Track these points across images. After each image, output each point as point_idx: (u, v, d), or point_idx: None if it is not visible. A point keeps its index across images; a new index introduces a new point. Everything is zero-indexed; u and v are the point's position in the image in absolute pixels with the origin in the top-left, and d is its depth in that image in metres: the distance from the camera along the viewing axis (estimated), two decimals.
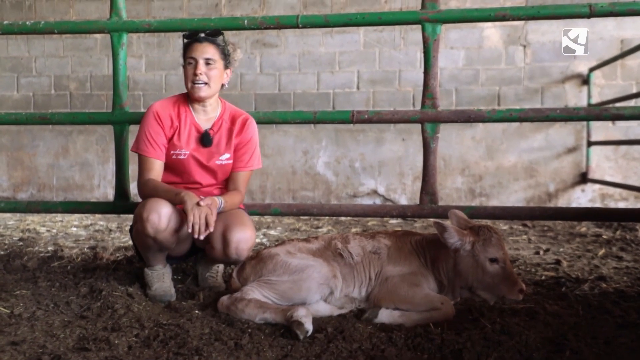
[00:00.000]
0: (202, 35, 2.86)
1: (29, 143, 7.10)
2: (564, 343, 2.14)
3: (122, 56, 3.20)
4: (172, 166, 2.92)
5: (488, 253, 2.52)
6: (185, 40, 2.90)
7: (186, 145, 2.89)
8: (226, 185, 2.99)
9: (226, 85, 2.97)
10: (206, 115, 2.95)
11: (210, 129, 2.92)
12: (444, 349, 2.12)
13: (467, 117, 3.04)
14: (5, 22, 3.28)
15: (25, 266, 3.34)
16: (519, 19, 3.03)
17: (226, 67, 2.92)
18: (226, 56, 2.90)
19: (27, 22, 3.25)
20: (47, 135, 7.06)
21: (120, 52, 3.19)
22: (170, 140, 2.89)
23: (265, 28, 3.14)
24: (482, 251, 2.53)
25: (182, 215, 2.74)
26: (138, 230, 2.72)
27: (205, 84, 2.83)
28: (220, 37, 2.89)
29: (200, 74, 2.81)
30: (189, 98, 2.94)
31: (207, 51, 2.83)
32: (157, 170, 2.86)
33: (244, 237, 2.70)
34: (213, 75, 2.84)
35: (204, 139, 2.90)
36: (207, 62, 2.83)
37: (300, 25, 3.07)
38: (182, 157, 2.88)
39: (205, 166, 2.92)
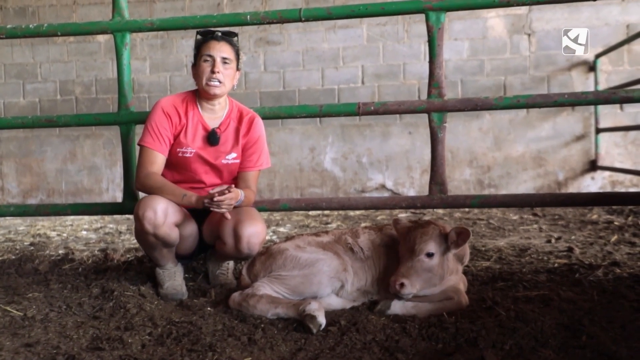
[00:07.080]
0: (220, 33, 2.85)
1: (37, 149, 7.13)
2: (579, 328, 2.12)
3: (126, 56, 3.20)
4: (177, 164, 2.90)
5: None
6: (200, 37, 2.88)
7: (192, 143, 2.87)
8: (235, 184, 2.97)
9: (235, 87, 2.97)
10: (214, 114, 2.93)
11: (218, 127, 2.91)
12: (459, 337, 2.10)
13: (474, 105, 3.01)
14: (8, 26, 3.29)
15: (37, 269, 3.35)
16: (523, 4, 3.00)
17: (237, 68, 2.91)
18: (238, 57, 2.90)
19: (30, 25, 3.25)
20: (55, 141, 7.09)
21: (123, 52, 3.19)
22: (176, 137, 2.87)
23: (268, 23, 3.13)
24: None
25: (179, 208, 2.73)
26: (138, 230, 2.71)
27: (221, 82, 2.81)
28: (235, 38, 2.89)
29: (218, 72, 2.78)
30: (197, 95, 2.93)
31: (224, 50, 2.81)
32: (158, 164, 2.83)
33: (255, 232, 2.69)
34: (228, 75, 2.83)
35: (211, 138, 2.88)
36: (224, 61, 2.82)
37: (303, 19, 3.05)
38: (187, 155, 2.87)
39: (210, 165, 2.91)
